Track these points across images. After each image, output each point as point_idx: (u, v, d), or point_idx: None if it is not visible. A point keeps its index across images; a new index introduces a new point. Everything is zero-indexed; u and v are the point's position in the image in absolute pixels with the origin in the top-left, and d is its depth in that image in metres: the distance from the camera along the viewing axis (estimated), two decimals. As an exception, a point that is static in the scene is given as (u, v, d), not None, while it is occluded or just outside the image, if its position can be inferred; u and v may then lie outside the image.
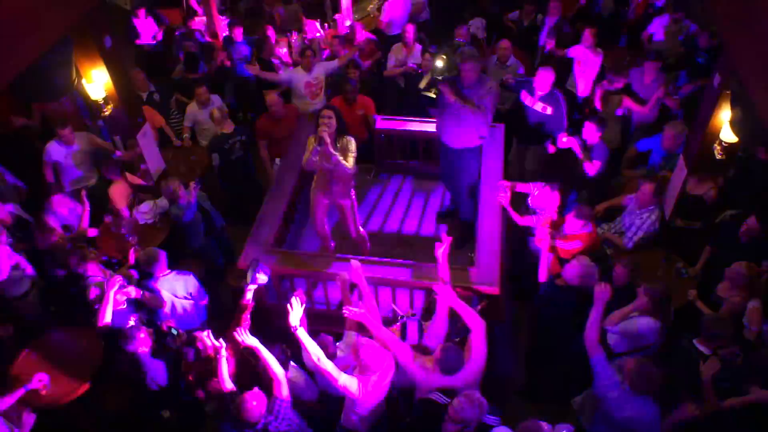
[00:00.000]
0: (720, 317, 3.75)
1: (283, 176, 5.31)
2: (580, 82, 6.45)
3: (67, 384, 4.12)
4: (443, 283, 3.80)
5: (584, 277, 3.87)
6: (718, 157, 4.47)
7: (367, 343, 3.47)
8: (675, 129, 5.17)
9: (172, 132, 6.44)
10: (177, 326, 4.23)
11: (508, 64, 6.39)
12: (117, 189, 5.46)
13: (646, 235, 4.77)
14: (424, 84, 5.10)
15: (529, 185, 4.82)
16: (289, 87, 6.51)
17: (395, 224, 5.63)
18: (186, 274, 4.49)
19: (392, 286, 4.36)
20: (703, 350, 3.65)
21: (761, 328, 3.82)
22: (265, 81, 6.75)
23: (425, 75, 5.74)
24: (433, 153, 5.79)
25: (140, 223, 5.29)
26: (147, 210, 5.34)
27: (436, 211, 5.71)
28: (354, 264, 3.95)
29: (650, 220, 4.76)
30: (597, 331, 3.51)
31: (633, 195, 4.91)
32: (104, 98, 5.02)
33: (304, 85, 6.34)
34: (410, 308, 4.24)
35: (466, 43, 6.33)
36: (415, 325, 3.69)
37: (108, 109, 5.09)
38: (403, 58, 6.74)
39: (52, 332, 4.59)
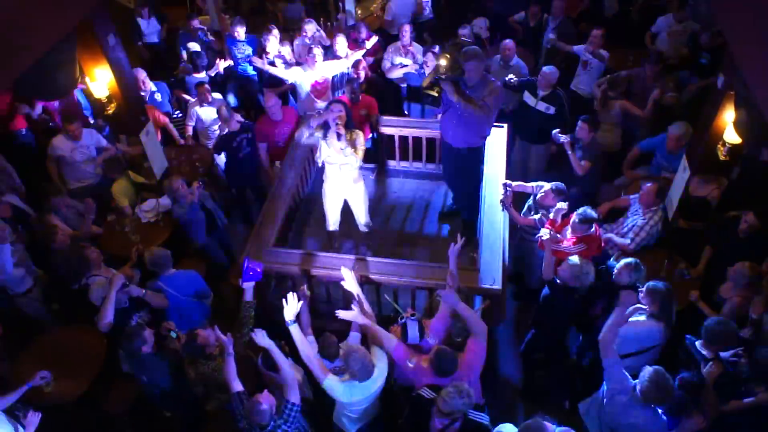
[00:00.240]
0: (722, 322, 3.68)
1: (284, 175, 5.32)
2: (584, 82, 6.43)
3: (71, 383, 4.14)
4: (448, 286, 3.77)
5: (579, 276, 3.85)
6: (721, 158, 4.45)
7: (359, 350, 3.50)
8: (679, 130, 5.14)
9: (175, 131, 6.45)
10: (180, 325, 4.23)
11: (511, 64, 6.37)
12: (120, 187, 5.48)
13: (648, 236, 4.75)
14: (426, 83, 5.09)
15: (530, 185, 4.81)
16: (293, 86, 6.50)
17: (397, 224, 5.62)
18: (189, 272, 4.50)
19: (394, 285, 4.35)
20: (705, 354, 3.63)
21: (761, 316, 3.79)
22: (267, 80, 6.74)
23: (428, 74, 5.73)
24: (435, 153, 5.79)
25: (143, 221, 5.30)
26: (150, 209, 5.35)
27: (438, 210, 5.70)
28: (344, 271, 3.93)
29: (653, 221, 4.74)
30: (615, 334, 3.43)
31: (636, 196, 4.90)
32: (107, 96, 5.02)
33: (309, 85, 6.32)
34: (411, 308, 4.24)
35: (470, 42, 6.31)
36: (415, 325, 3.69)
37: (111, 108, 5.09)
38: (401, 58, 6.70)
39: (56, 330, 4.61)
